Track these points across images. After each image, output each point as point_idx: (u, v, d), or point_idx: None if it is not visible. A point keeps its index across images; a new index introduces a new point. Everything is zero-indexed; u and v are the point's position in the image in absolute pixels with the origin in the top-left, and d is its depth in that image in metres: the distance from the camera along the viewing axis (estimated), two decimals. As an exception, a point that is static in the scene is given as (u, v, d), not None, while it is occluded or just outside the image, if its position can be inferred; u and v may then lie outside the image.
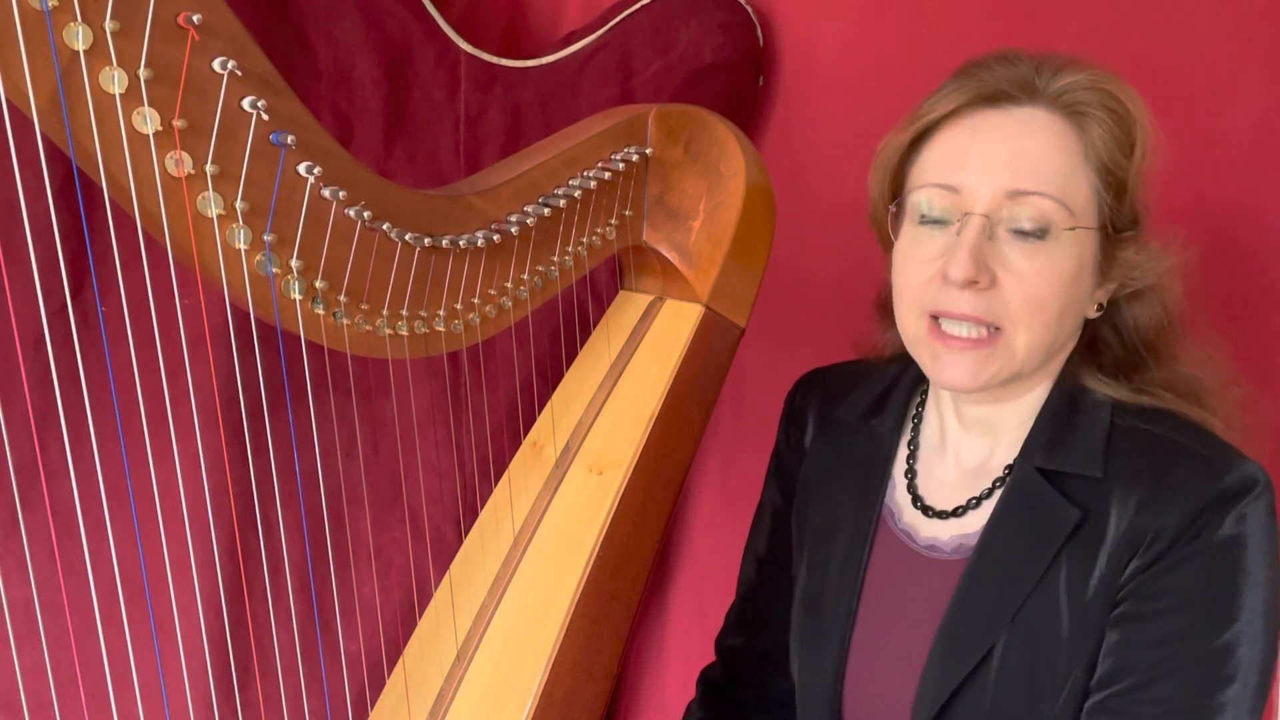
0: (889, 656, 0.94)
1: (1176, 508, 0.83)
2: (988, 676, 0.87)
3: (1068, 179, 0.85)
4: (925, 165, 0.90)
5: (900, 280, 0.91)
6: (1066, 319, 0.87)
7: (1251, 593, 0.82)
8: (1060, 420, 0.91)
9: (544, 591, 1.02)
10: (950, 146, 0.88)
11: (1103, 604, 0.85)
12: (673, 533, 1.60)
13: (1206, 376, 0.93)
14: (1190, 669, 0.82)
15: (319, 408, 1.21)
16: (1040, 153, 0.85)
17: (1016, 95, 0.86)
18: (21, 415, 1.22)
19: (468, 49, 1.45)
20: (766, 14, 1.47)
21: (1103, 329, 0.93)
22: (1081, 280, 0.87)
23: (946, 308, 0.86)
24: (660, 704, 1.63)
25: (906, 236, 0.91)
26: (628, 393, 1.10)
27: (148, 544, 1.12)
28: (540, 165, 1.01)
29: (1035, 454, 0.90)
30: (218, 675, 1.35)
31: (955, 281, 0.84)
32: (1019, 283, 0.85)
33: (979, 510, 0.93)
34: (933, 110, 0.89)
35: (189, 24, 0.75)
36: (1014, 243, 0.85)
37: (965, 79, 0.89)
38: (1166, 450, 0.87)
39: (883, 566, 0.96)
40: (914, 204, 0.90)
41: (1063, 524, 0.86)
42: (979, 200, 0.85)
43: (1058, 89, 0.86)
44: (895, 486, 0.99)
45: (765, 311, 1.18)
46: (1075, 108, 0.86)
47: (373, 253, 0.89)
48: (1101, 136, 0.85)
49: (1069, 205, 0.85)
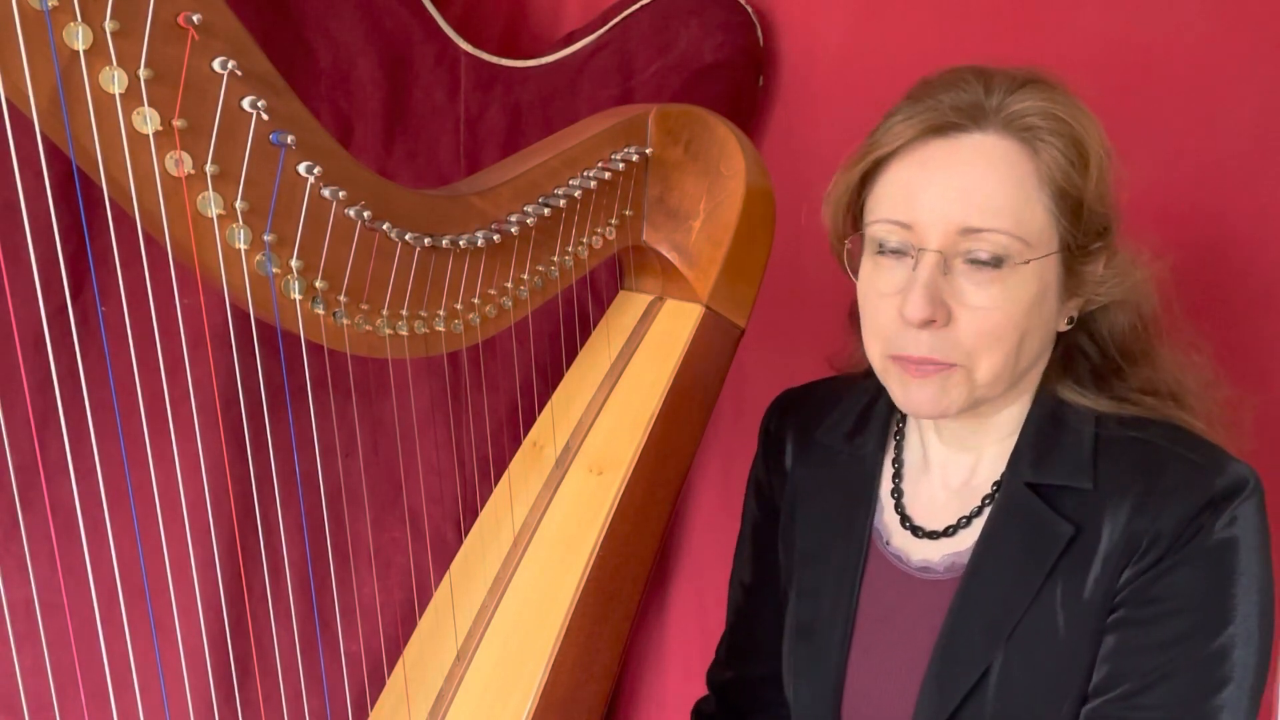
0: (886, 680, 0.93)
1: (1169, 513, 0.83)
2: (986, 695, 0.87)
3: (1021, 208, 0.83)
4: (877, 199, 0.89)
5: (865, 313, 0.91)
6: (1029, 343, 0.86)
7: (1246, 594, 0.82)
8: (1045, 434, 0.90)
9: (544, 591, 1.02)
10: (900, 180, 0.87)
11: (1099, 613, 0.85)
12: (673, 533, 1.60)
13: (1188, 379, 0.92)
14: (1187, 673, 0.82)
15: (319, 408, 1.21)
16: (991, 185, 0.83)
17: (965, 124, 0.85)
18: (21, 415, 1.22)
19: (468, 49, 1.45)
20: (766, 14, 1.47)
21: (1079, 338, 0.92)
22: (1044, 303, 0.86)
23: (905, 351, 0.86)
24: (660, 704, 1.63)
25: (867, 268, 0.90)
26: (628, 393, 1.10)
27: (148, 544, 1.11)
28: (540, 165, 1.01)
29: (1023, 469, 0.90)
30: (218, 675, 1.35)
31: (911, 321, 0.84)
32: (974, 317, 0.84)
33: (969, 529, 0.93)
34: (880, 145, 0.87)
35: (189, 24, 0.75)
36: (970, 274, 0.84)
37: (913, 105, 0.87)
38: (1155, 456, 0.86)
39: (875, 589, 0.96)
40: (870, 237, 0.89)
41: (1056, 539, 0.86)
42: (932, 237, 0.84)
43: (1008, 114, 0.84)
44: (883, 508, 0.98)
45: (765, 311, 1.18)
46: (1026, 131, 0.84)
47: (373, 253, 0.89)
48: (1054, 158, 0.84)
49: (1024, 238, 0.83)
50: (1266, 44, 1.12)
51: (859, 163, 0.89)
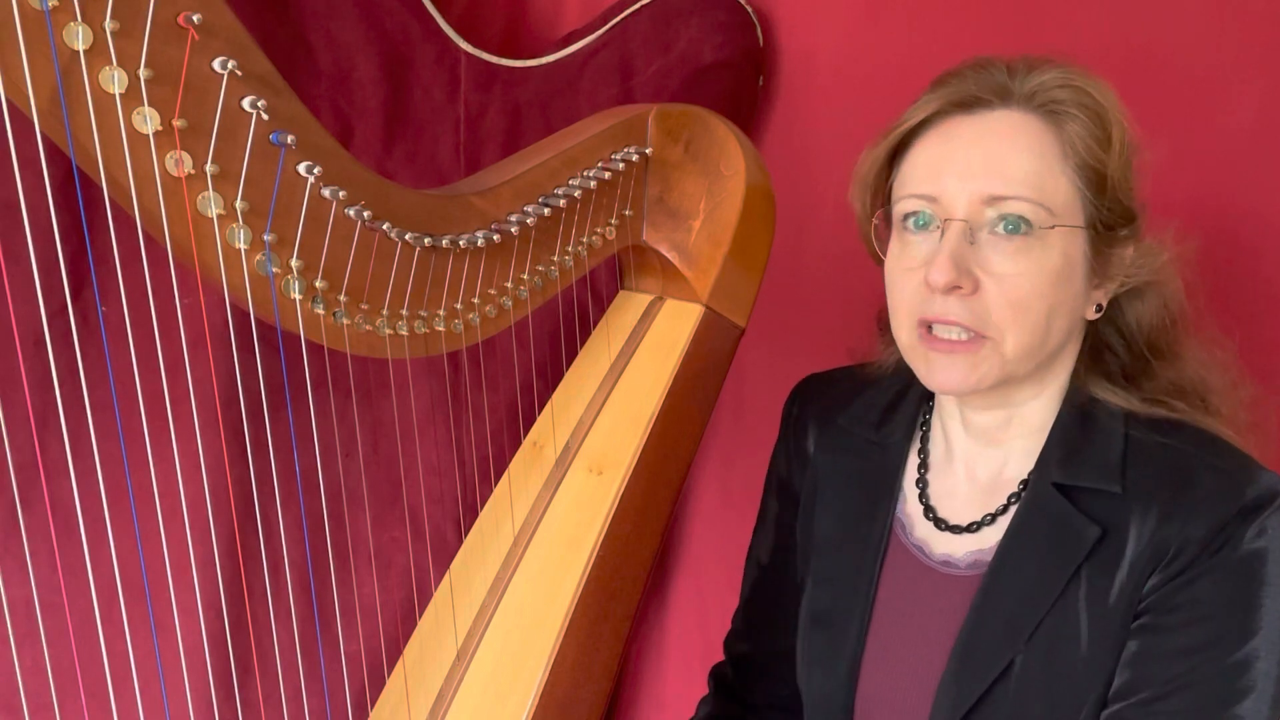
0: (903, 672, 0.93)
1: (1198, 522, 0.83)
2: (1006, 693, 0.86)
3: (1045, 179, 0.84)
4: (904, 176, 0.90)
5: (893, 291, 0.91)
6: (1057, 320, 0.87)
7: (1272, 605, 0.82)
8: (1074, 433, 0.90)
9: (544, 591, 1.02)
10: (927, 155, 0.88)
11: (1123, 618, 0.85)
12: (673, 533, 1.60)
13: (1212, 377, 0.92)
14: (1208, 682, 0.82)
15: (319, 408, 1.21)
16: (1015, 155, 0.85)
17: (989, 99, 0.86)
18: (21, 415, 1.22)
19: (468, 49, 1.45)
20: (766, 14, 1.47)
21: (1106, 332, 0.93)
22: (1071, 280, 0.86)
23: (934, 313, 0.86)
24: (660, 704, 1.63)
25: (894, 247, 0.91)
26: (628, 393, 1.10)
27: (148, 544, 1.12)
28: (540, 165, 1.01)
29: (1051, 468, 0.90)
30: (218, 675, 1.35)
31: (937, 286, 0.84)
32: (1000, 286, 0.84)
33: (994, 526, 0.93)
34: (907, 120, 0.89)
35: (189, 24, 0.75)
36: (996, 244, 0.85)
37: (939, 88, 0.89)
38: (1185, 464, 0.86)
39: (895, 580, 0.96)
40: (898, 215, 0.90)
41: (1082, 540, 0.86)
42: (958, 206, 0.85)
43: (1030, 89, 0.86)
44: (906, 499, 0.98)
45: (765, 311, 1.18)
46: (1049, 106, 0.86)
47: (373, 252, 0.89)
48: (1078, 133, 0.85)
49: (1048, 205, 0.84)
50: (1266, 44, 1.12)
51: (885, 139, 0.91)
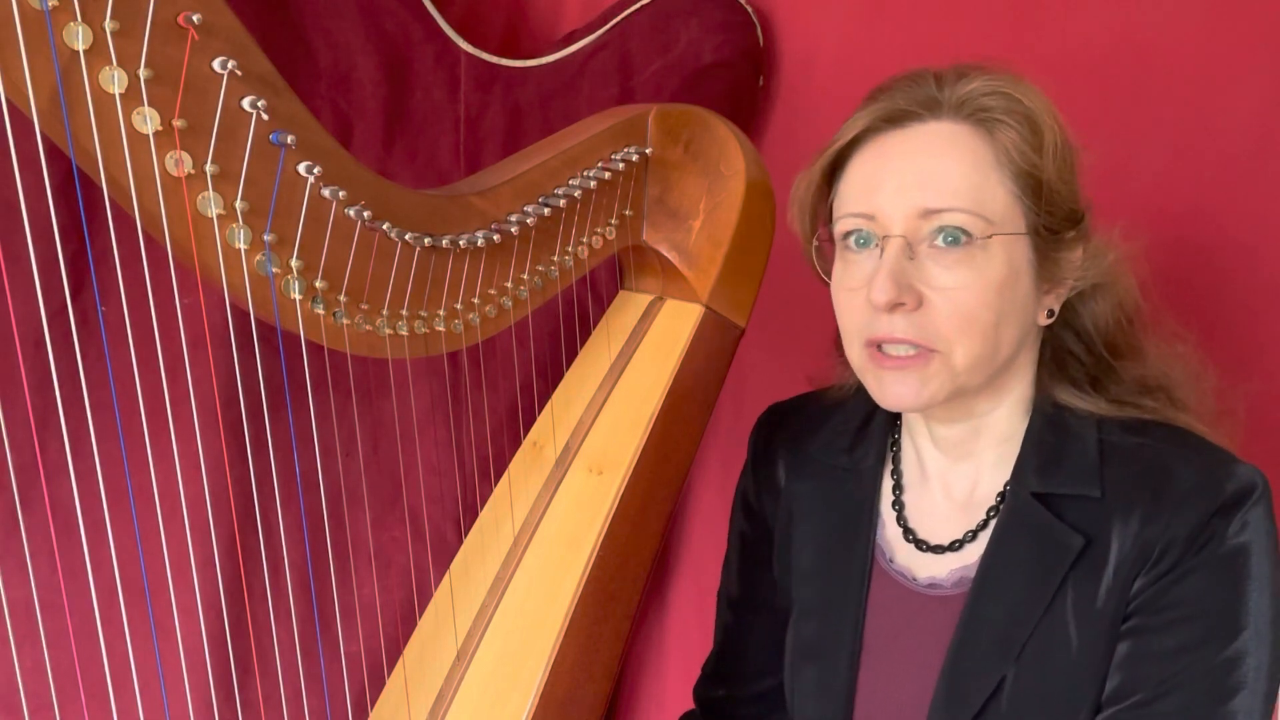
0: (897, 698, 0.92)
1: (1181, 520, 0.82)
2: (999, 710, 0.86)
3: (980, 188, 0.84)
4: (842, 195, 0.90)
5: (840, 312, 0.91)
6: (1006, 328, 0.86)
7: (1258, 599, 0.82)
8: (1047, 441, 0.89)
9: (544, 591, 1.02)
10: (861, 173, 0.88)
11: (1112, 622, 0.84)
12: (673, 533, 1.60)
13: (1175, 371, 0.92)
14: (1200, 680, 0.82)
15: (319, 408, 1.21)
16: (948, 167, 0.84)
17: (919, 112, 0.86)
18: (21, 415, 1.22)
19: (468, 49, 1.45)
20: (766, 14, 1.47)
21: (1065, 337, 0.92)
22: (1016, 287, 0.86)
23: (881, 333, 0.86)
24: (660, 704, 1.63)
25: (838, 267, 0.91)
26: (628, 393, 1.10)
27: (148, 544, 1.12)
28: (540, 165, 1.01)
29: (1028, 478, 0.89)
30: (218, 675, 1.35)
31: (879, 305, 0.84)
32: (945, 299, 0.84)
33: (975, 542, 0.92)
34: (839, 140, 0.89)
35: (189, 24, 0.75)
36: (937, 257, 0.84)
37: (869, 104, 0.89)
38: (1161, 463, 0.86)
39: (882, 607, 0.95)
40: (838, 234, 0.90)
41: (1067, 550, 0.85)
42: (894, 223, 0.85)
43: (959, 99, 0.85)
44: (884, 523, 0.97)
45: (765, 311, 1.18)
46: (979, 115, 0.85)
47: (373, 252, 0.89)
48: (1010, 139, 0.84)
49: (984, 214, 0.84)
50: (1267, 44, 1.12)
51: (818, 160, 0.91)
